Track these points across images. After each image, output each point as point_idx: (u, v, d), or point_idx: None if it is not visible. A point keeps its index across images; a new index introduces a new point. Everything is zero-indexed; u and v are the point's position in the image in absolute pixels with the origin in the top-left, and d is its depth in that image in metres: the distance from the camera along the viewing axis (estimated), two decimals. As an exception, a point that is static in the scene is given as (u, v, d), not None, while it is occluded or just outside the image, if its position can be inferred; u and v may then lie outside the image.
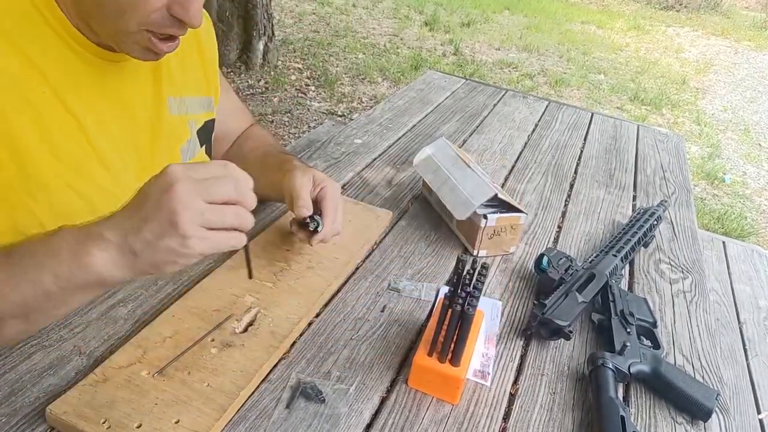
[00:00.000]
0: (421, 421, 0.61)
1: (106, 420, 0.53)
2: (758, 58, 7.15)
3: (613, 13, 8.71)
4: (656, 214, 1.02)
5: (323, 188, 0.78)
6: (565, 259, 0.84)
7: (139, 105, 0.74)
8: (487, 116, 1.53)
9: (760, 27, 8.83)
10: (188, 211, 0.51)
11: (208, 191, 0.53)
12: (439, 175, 0.97)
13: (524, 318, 0.79)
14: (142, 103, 0.75)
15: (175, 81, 0.79)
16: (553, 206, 1.12)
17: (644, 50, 6.73)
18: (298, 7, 5.97)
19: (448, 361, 0.63)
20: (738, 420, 1.26)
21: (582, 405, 0.67)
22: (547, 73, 5.30)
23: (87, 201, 0.66)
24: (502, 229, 0.89)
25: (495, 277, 0.87)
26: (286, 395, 0.61)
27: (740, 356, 1.47)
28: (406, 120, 1.43)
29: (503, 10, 7.59)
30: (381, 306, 0.77)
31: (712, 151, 4.10)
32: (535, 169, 1.27)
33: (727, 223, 3.14)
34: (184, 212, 0.51)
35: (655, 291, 0.91)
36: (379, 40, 5.43)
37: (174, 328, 0.65)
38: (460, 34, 6.06)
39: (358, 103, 3.94)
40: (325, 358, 0.67)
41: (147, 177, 0.75)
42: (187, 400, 0.57)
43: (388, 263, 0.86)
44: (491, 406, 0.65)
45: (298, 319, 0.70)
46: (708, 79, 5.93)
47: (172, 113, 0.79)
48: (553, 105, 1.70)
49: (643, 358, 0.70)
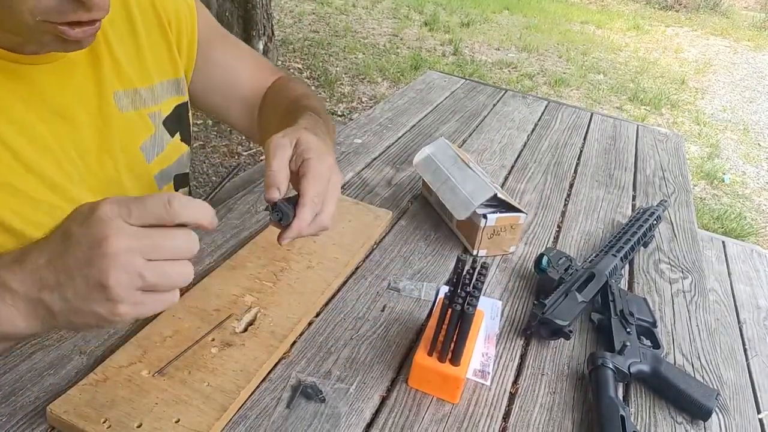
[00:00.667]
0: (421, 421, 0.61)
1: (106, 419, 0.53)
2: (757, 58, 7.15)
3: (613, 13, 8.71)
4: (656, 214, 1.02)
5: (306, 161, 0.60)
6: (564, 259, 0.84)
7: (78, 108, 0.66)
8: (487, 116, 1.53)
9: (760, 27, 8.83)
10: (124, 275, 0.42)
11: (152, 247, 0.43)
12: (438, 175, 0.97)
13: (524, 318, 0.79)
14: (82, 104, 0.66)
15: (124, 72, 0.71)
16: (553, 206, 1.12)
17: (643, 50, 6.73)
18: (298, 7, 5.97)
19: (448, 360, 0.63)
20: (738, 420, 1.26)
21: (582, 405, 0.67)
22: (547, 73, 5.30)
23: (28, 221, 0.61)
24: (502, 229, 0.89)
25: (495, 277, 0.87)
26: (286, 395, 0.61)
27: (740, 356, 1.47)
28: (405, 120, 1.43)
29: (503, 10, 7.59)
30: (381, 306, 0.77)
31: (712, 151, 4.10)
32: (534, 168, 1.27)
33: (726, 222, 3.14)
34: (118, 275, 0.42)
35: (655, 291, 0.91)
36: (379, 40, 5.44)
37: (174, 327, 0.66)
38: (460, 34, 6.06)
39: (358, 103, 3.95)
40: (325, 357, 0.67)
41: (100, 186, 0.70)
42: (187, 399, 0.57)
43: (388, 263, 0.86)
44: (491, 406, 0.65)
45: (298, 318, 0.70)
46: (707, 79, 5.93)
47: (124, 110, 0.71)
48: (552, 105, 1.70)
49: (643, 358, 0.70)
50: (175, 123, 0.80)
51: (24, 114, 0.61)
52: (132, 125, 0.73)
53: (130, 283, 0.42)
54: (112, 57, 0.69)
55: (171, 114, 0.79)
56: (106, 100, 0.69)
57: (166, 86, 0.78)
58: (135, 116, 0.74)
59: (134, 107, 0.73)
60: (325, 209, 0.61)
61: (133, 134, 0.74)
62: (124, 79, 0.71)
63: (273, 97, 0.88)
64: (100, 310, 0.43)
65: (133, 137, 0.74)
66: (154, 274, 0.43)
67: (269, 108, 0.87)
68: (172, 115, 0.80)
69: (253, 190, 0.99)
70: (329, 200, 0.62)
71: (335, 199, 0.63)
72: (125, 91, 0.72)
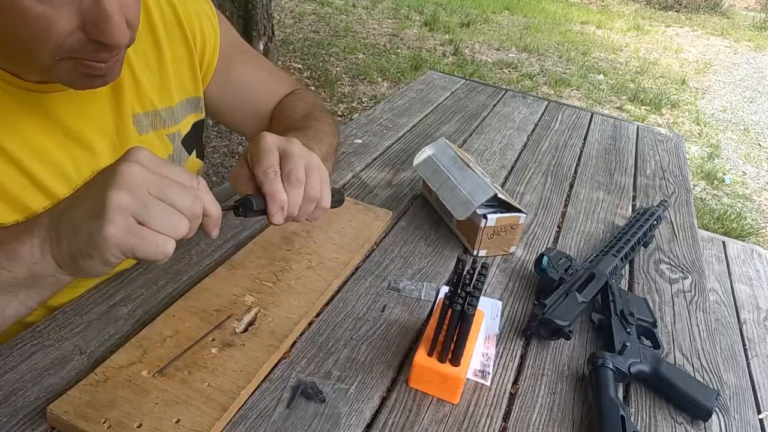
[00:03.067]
0: (421, 421, 0.61)
1: (106, 420, 0.53)
2: (758, 58, 7.15)
3: (613, 14, 8.71)
4: (656, 214, 1.02)
5: (252, 151, 0.60)
6: (565, 259, 0.84)
7: (96, 133, 0.66)
8: (487, 116, 1.53)
9: (760, 27, 8.83)
10: (125, 195, 0.43)
11: (162, 187, 0.44)
12: (438, 175, 0.97)
13: (524, 318, 0.79)
14: (101, 130, 0.67)
15: (145, 94, 0.71)
16: (553, 206, 1.12)
17: (644, 50, 6.73)
18: (298, 8, 5.98)
19: (448, 360, 0.63)
20: (738, 420, 1.26)
21: (582, 405, 0.67)
22: (547, 73, 5.30)
23: None
24: (502, 229, 0.89)
25: (495, 277, 0.87)
26: (286, 395, 0.61)
27: (740, 356, 1.47)
28: (406, 120, 1.43)
29: (503, 11, 7.59)
30: (381, 306, 0.77)
31: (712, 151, 4.10)
32: (534, 169, 1.27)
33: (727, 223, 3.14)
34: (120, 193, 0.42)
35: (655, 291, 0.91)
36: (379, 40, 5.44)
37: (174, 327, 0.66)
38: (460, 35, 6.06)
39: (358, 103, 3.95)
40: (325, 357, 0.67)
41: None
42: (187, 399, 0.57)
43: (388, 263, 0.86)
44: (491, 406, 0.65)
45: (299, 318, 0.70)
46: (707, 79, 5.93)
47: (143, 132, 0.71)
48: (552, 105, 1.70)
49: (643, 358, 0.70)
50: (192, 141, 0.80)
51: (42, 141, 0.61)
52: (151, 147, 0.72)
53: (127, 206, 0.43)
54: (133, 78, 0.69)
55: (189, 132, 0.79)
56: (124, 124, 0.69)
57: (186, 105, 0.78)
58: (154, 138, 0.73)
59: (154, 128, 0.73)
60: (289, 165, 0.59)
61: None
62: (145, 101, 0.71)
63: (279, 113, 0.89)
64: (91, 226, 0.43)
65: None
66: (153, 208, 0.43)
67: (273, 124, 0.88)
68: (190, 134, 0.80)
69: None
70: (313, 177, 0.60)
71: (320, 177, 0.61)
72: (145, 113, 0.71)
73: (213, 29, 0.81)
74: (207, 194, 0.48)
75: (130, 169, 0.43)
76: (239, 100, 0.88)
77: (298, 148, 0.60)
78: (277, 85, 0.93)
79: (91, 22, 0.49)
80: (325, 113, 0.90)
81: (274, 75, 0.94)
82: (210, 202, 0.49)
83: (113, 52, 0.53)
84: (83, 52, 0.51)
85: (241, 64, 0.87)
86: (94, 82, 0.56)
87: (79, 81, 0.55)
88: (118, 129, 0.69)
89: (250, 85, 0.88)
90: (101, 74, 0.55)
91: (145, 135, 0.72)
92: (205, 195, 0.48)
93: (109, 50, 0.52)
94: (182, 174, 0.47)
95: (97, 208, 0.43)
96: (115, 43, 0.51)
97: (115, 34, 0.50)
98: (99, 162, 0.68)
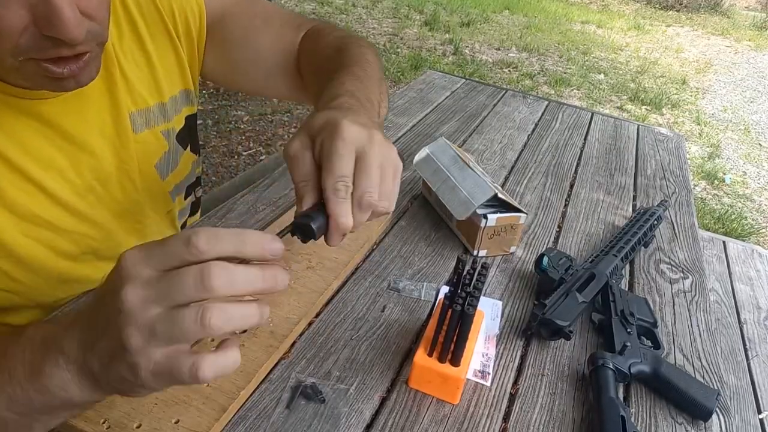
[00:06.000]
0: (421, 421, 0.61)
1: (105, 420, 0.53)
2: (758, 57, 7.15)
3: (613, 13, 8.71)
4: (656, 214, 1.02)
5: (324, 141, 0.49)
6: (565, 259, 0.83)
7: (95, 135, 0.66)
8: (487, 116, 1.53)
9: (760, 27, 8.82)
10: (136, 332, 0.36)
11: (166, 291, 0.36)
12: (438, 175, 0.97)
13: (524, 318, 0.79)
14: (100, 131, 0.66)
15: (137, 91, 0.70)
16: (553, 206, 1.12)
17: (644, 50, 6.73)
18: (298, 7, 5.97)
19: (448, 361, 0.63)
20: (738, 420, 1.26)
21: (582, 405, 0.67)
22: (547, 72, 5.30)
23: (50, 247, 0.63)
24: (502, 229, 0.89)
25: (495, 277, 0.87)
26: (286, 395, 0.61)
27: (740, 356, 1.47)
28: (405, 120, 1.43)
29: (503, 10, 7.59)
30: (381, 306, 0.77)
31: (712, 151, 4.10)
32: (535, 169, 1.27)
33: (727, 223, 3.14)
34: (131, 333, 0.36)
35: (655, 291, 0.91)
36: (379, 40, 5.43)
37: (174, 328, 0.65)
38: (460, 34, 6.06)
39: (358, 102, 3.94)
40: (325, 358, 0.67)
41: (121, 209, 0.72)
42: (186, 399, 0.57)
43: (388, 263, 0.86)
44: (491, 406, 0.65)
45: (298, 319, 0.70)
46: (708, 79, 5.93)
47: (138, 131, 0.71)
48: (553, 105, 1.70)
49: (644, 358, 0.70)
50: (186, 135, 0.80)
51: (43, 147, 0.61)
52: (147, 145, 0.73)
53: (145, 342, 0.36)
54: (124, 77, 0.68)
55: (183, 127, 0.79)
56: (122, 123, 0.68)
57: (178, 99, 0.77)
58: (150, 136, 0.73)
59: (148, 126, 0.72)
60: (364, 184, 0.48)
61: (148, 154, 0.73)
62: (138, 99, 0.70)
63: (308, 66, 0.78)
64: (126, 374, 0.37)
65: (148, 157, 0.74)
66: (165, 325, 0.36)
67: (308, 74, 0.78)
68: (183, 128, 0.79)
69: (253, 191, 0.99)
70: (371, 174, 0.49)
71: (377, 168, 0.50)
72: (139, 111, 0.70)
73: (198, 6, 0.76)
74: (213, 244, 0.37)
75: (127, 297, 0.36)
76: (242, 60, 0.81)
77: (377, 150, 0.51)
78: (285, 33, 0.82)
79: (42, 17, 0.46)
80: (357, 41, 0.77)
81: (275, 23, 0.83)
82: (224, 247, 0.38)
83: (75, 49, 0.49)
84: (43, 50, 0.48)
85: (234, 23, 0.79)
86: (64, 83, 0.53)
87: (48, 83, 0.52)
88: (117, 129, 0.69)
89: (251, 42, 0.80)
90: (64, 77, 0.51)
91: (140, 133, 0.72)
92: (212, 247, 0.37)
93: (68, 46, 0.48)
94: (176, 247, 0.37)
95: (121, 355, 0.37)
96: (69, 37, 0.47)
97: (67, 27, 0.46)
98: (101, 164, 0.67)
